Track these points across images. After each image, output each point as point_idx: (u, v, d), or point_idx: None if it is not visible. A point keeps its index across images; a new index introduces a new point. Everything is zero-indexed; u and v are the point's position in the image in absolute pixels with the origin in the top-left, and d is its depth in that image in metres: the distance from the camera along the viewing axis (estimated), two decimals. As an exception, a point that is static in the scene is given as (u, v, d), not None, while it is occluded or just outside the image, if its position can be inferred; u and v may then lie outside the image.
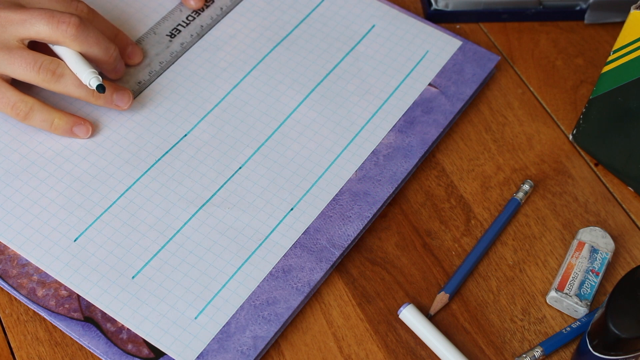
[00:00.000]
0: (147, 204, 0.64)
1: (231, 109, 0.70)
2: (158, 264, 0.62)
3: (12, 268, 0.61)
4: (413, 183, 0.69)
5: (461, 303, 0.64)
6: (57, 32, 0.64)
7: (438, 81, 0.73)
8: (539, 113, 0.74)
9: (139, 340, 0.59)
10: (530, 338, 0.62)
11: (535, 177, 0.70)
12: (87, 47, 0.66)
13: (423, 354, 0.61)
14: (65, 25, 0.64)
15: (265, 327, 0.60)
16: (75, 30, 0.65)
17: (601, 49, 0.79)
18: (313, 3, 0.78)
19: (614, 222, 0.68)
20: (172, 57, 0.73)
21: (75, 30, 0.65)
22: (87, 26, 0.65)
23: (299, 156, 0.68)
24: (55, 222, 0.63)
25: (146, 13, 0.75)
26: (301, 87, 0.72)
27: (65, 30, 0.64)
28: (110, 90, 0.67)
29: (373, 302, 0.63)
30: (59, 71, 0.65)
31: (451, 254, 0.66)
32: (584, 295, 0.63)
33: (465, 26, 0.80)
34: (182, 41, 0.74)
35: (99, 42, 0.66)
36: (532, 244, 0.67)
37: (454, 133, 0.73)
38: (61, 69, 0.65)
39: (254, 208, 0.65)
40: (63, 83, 0.65)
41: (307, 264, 0.63)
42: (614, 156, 0.70)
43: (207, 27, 0.75)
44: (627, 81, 0.66)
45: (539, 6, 0.80)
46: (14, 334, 0.60)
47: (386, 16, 0.77)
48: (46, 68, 0.65)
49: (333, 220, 0.65)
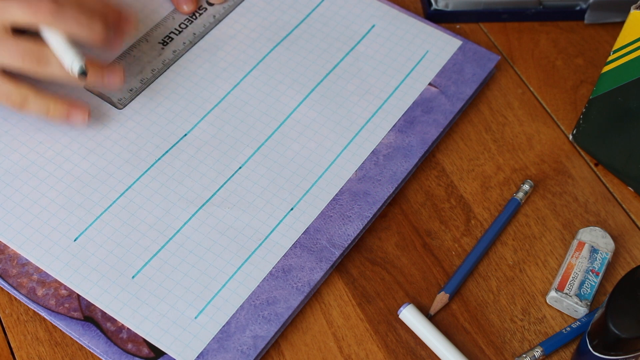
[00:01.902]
0: (147, 203, 0.64)
1: (231, 109, 0.70)
2: (158, 264, 0.62)
3: (12, 267, 0.61)
4: (413, 183, 0.69)
5: (461, 303, 0.64)
6: (33, 16, 0.62)
7: (438, 81, 0.73)
8: (539, 113, 0.74)
9: (139, 340, 0.59)
10: (530, 338, 0.62)
11: (535, 177, 0.70)
12: (67, 28, 0.63)
13: (423, 354, 0.61)
14: (38, 7, 0.62)
15: (265, 327, 0.60)
16: (50, 12, 0.62)
17: (601, 49, 0.79)
18: (313, 3, 0.78)
19: (614, 222, 0.68)
20: (164, 65, 0.72)
21: (49, 12, 0.62)
22: (62, 6, 0.62)
23: (299, 156, 0.68)
24: (55, 221, 0.63)
25: (139, 19, 0.75)
26: (301, 87, 0.72)
27: (40, 13, 0.62)
28: (98, 72, 0.65)
29: (373, 302, 0.63)
30: (45, 58, 0.63)
31: (451, 254, 0.66)
32: (584, 295, 0.63)
33: (465, 26, 0.80)
34: (175, 49, 0.73)
35: (80, 22, 0.63)
36: (532, 244, 0.67)
37: (454, 133, 0.73)
38: (46, 55, 0.63)
39: (254, 208, 0.65)
40: (50, 69, 0.63)
41: (307, 264, 0.63)
42: (614, 156, 0.70)
43: (199, 35, 0.75)
44: (627, 81, 0.66)
45: (539, 6, 0.80)
46: (14, 334, 0.60)
47: (386, 16, 0.77)
48: (30, 55, 0.62)
49: (333, 220, 0.65)
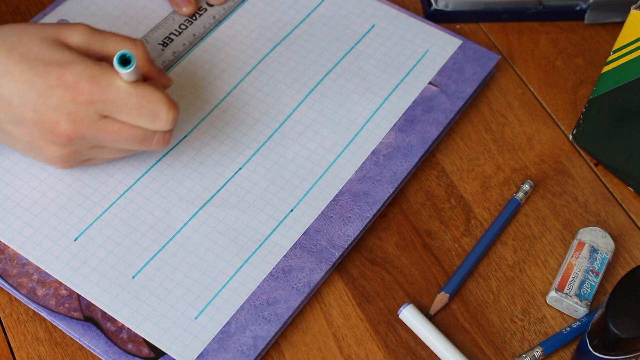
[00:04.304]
0: (147, 203, 0.64)
1: (231, 110, 0.70)
2: (158, 264, 0.62)
3: (12, 267, 0.61)
4: (413, 183, 0.69)
5: (461, 303, 0.64)
6: None
7: (438, 80, 0.73)
8: (539, 113, 0.74)
9: (139, 340, 0.59)
10: (530, 338, 0.62)
11: (535, 177, 0.70)
12: None
13: (423, 354, 0.61)
14: None
15: (265, 327, 0.60)
16: None
17: (601, 49, 0.79)
18: (313, 3, 0.78)
19: (614, 222, 0.68)
20: (164, 66, 0.72)
21: None
22: None
23: (298, 157, 0.68)
24: (55, 221, 0.63)
25: (139, 20, 0.75)
26: (301, 86, 0.72)
27: None
28: None
29: (373, 302, 0.63)
30: None
31: (451, 254, 0.66)
32: (584, 295, 0.63)
33: (465, 26, 0.80)
34: (175, 50, 0.73)
35: None
36: (532, 244, 0.67)
37: (454, 133, 0.73)
38: None
39: (254, 209, 0.65)
40: None
41: (307, 265, 0.63)
42: (614, 156, 0.70)
43: (199, 36, 0.75)
44: (627, 81, 0.66)
45: (539, 6, 0.80)
46: (14, 334, 0.60)
47: (386, 16, 0.77)
48: None
49: (333, 221, 0.65)
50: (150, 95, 0.59)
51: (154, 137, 0.61)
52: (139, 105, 0.58)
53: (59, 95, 0.57)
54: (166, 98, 0.59)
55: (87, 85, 0.57)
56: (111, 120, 0.59)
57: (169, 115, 0.59)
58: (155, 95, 0.59)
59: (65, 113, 0.58)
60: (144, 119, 0.59)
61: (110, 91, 0.58)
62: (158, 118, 0.59)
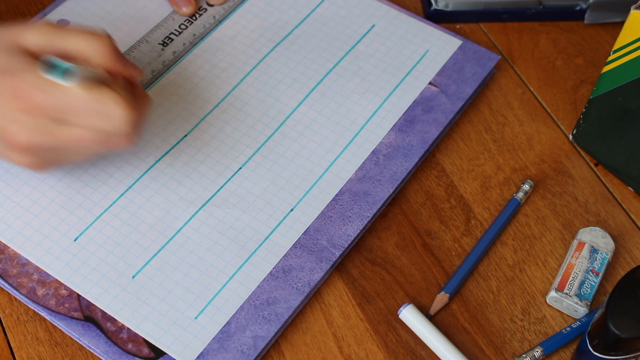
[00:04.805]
0: (147, 203, 0.64)
1: (231, 110, 0.70)
2: (158, 264, 0.62)
3: (12, 267, 0.61)
4: (413, 183, 0.69)
5: (461, 303, 0.64)
6: None
7: (438, 80, 0.74)
8: (539, 113, 0.74)
9: (139, 340, 0.59)
10: (530, 338, 0.62)
11: (535, 177, 0.70)
12: None
13: (423, 354, 0.61)
14: None
15: (265, 327, 0.60)
16: None
17: (601, 49, 0.79)
18: (313, 3, 0.78)
19: (614, 222, 0.68)
20: (164, 66, 0.72)
21: None
22: None
23: (299, 156, 0.68)
24: (55, 221, 0.63)
25: (139, 20, 0.75)
26: (301, 86, 0.72)
27: None
28: None
29: (373, 302, 0.63)
30: None
31: (451, 254, 0.66)
32: (584, 295, 0.63)
33: (465, 26, 0.80)
34: (175, 50, 0.73)
35: None
36: (532, 244, 0.67)
37: (454, 133, 0.73)
38: None
39: (254, 208, 0.65)
40: None
41: (307, 264, 0.63)
42: (614, 156, 0.70)
43: (199, 36, 0.75)
44: (627, 81, 0.66)
45: (539, 6, 0.80)
46: (14, 334, 0.60)
47: (386, 16, 0.78)
48: None
49: (333, 221, 0.65)
50: (105, 97, 0.57)
51: (116, 139, 0.59)
52: (93, 109, 0.57)
53: (12, 107, 0.56)
54: (121, 99, 0.57)
55: (40, 94, 0.56)
56: (69, 127, 0.57)
57: (124, 116, 0.57)
58: (109, 97, 0.57)
59: (19, 124, 0.57)
60: (100, 121, 0.57)
61: (63, 98, 0.56)
62: (114, 120, 0.57)
